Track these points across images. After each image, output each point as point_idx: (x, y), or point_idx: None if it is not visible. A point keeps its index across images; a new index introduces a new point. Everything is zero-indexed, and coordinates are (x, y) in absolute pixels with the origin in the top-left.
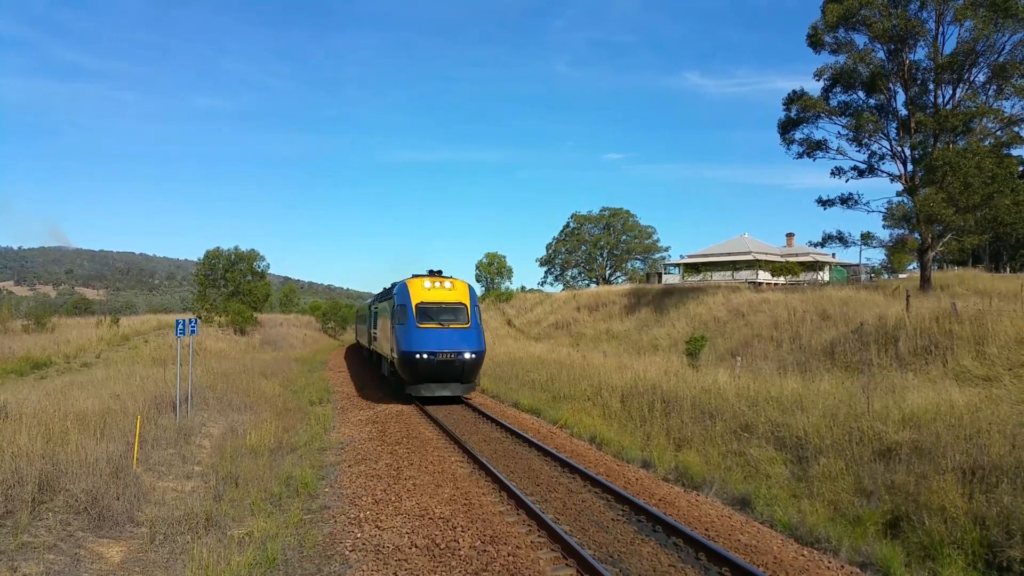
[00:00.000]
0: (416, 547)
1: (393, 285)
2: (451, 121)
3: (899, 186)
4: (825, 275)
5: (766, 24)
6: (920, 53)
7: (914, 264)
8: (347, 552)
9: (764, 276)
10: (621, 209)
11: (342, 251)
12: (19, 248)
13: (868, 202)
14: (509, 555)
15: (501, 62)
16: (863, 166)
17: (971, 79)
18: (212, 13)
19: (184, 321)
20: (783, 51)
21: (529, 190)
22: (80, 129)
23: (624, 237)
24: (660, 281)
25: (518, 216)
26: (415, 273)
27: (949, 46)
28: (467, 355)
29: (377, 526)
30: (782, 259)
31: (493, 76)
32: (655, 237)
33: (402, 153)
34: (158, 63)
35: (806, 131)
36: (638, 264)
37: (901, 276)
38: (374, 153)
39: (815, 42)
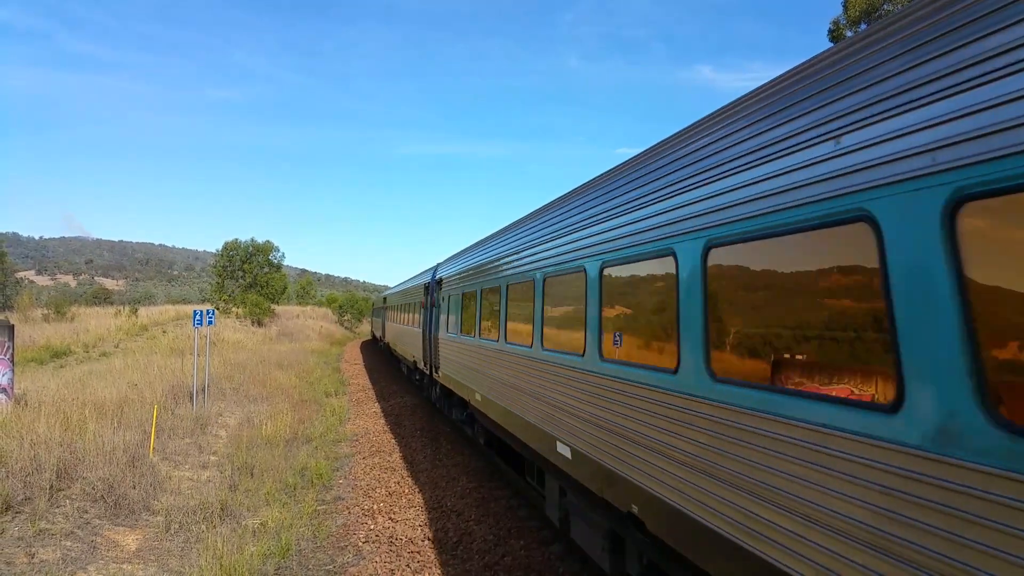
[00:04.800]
0: (429, 539)
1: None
2: (461, 115)
3: None
4: None
5: (781, 18)
6: None
7: None
8: (360, 543)
9: None
10: None
11: (358, 244)
12: (40, 238)
13: None
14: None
15: (511, 56)
16: None
17: None
18: (220, 5)
19: (202, 312)
20: (799, 45)
21: (540, 184)
22: (98, 120)
23: None
24: None
25: (529, 209)
26: None
27: None
28: None
29: (391, 518)
30: None
31: (503, 70)
32: None
33: (413, 147)
34: (170, 55)
35: None
36: None
37: None
38: (385, 146)
39: (836, 38)
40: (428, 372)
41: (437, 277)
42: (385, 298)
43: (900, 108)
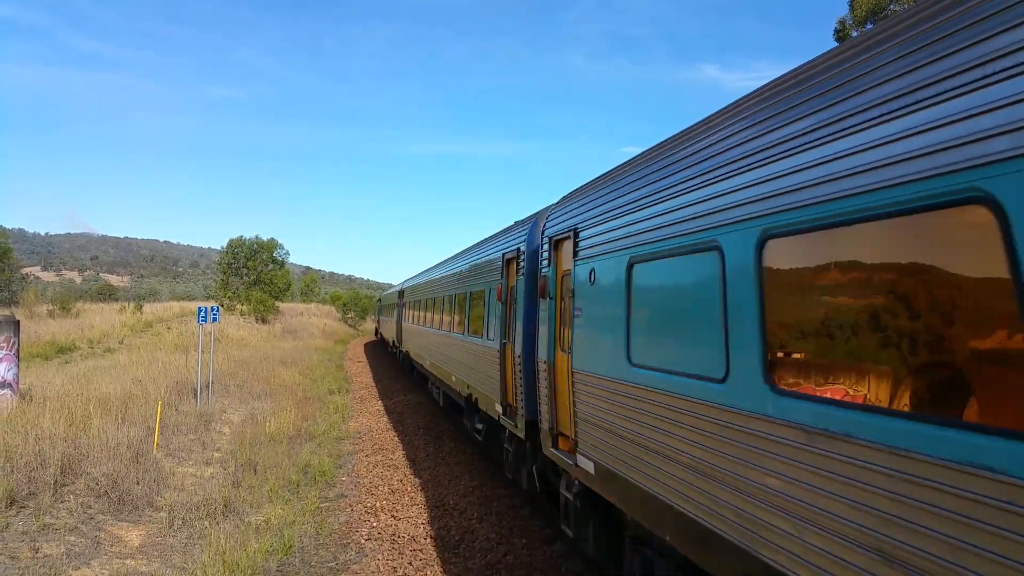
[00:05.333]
0: (431, 537)
1: None
2: (464, 114)
3: None
4: None
5: (784, 18)
6: None
7: None
8: (363, 541)
9: None
10: None
11: (362, 243)
12: (46, 234)
13: None
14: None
15: (514, 55)
16: None
17: None
18: (224, 3)
19: (206, 309)
20: (804, 44)
21: (542, 184)
22: (102, 118)
23: None
24: None
25: (531, 209)
26: None
27: None
28: None
29: (393, 516)
30: None
31: (507, 69)
32: None
33: (416, 146)
34: (173, 53)
35: None
36: None
37: None
38: (388, 145)
39: (843, 37)
40: (523, 437)
41: (556, 233)
42: (403, 291)
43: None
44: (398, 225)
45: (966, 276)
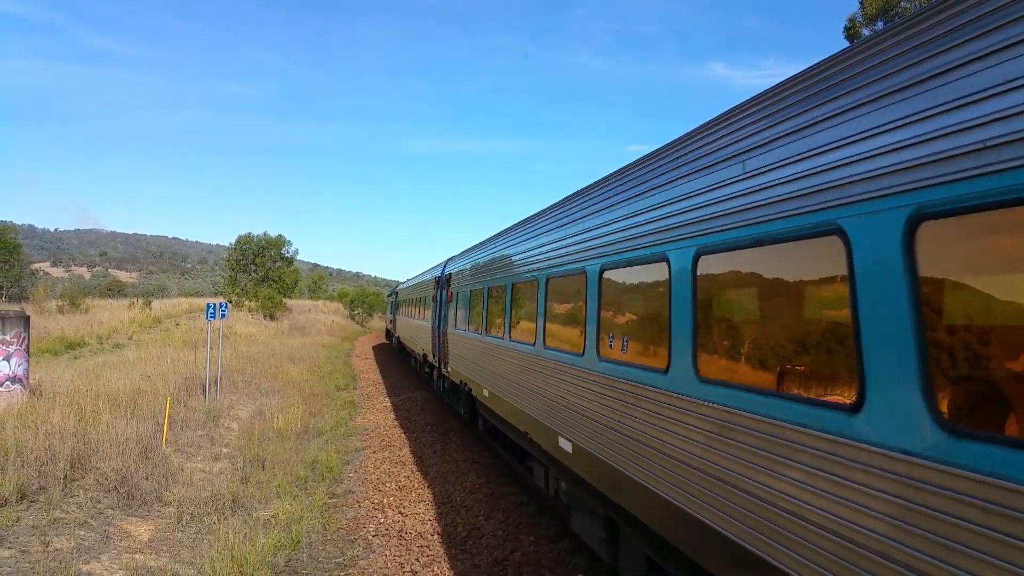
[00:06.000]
0: (438, 534)
1: None
2: (470, 112)
3: None
4: None
5: (792, 15)
6: None
7: None
8: (370, 537)
9: None
10: None
11: (369, 240)
12: (55, 230)
13: None
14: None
15: (521, 53)
16: None
17: None
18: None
19: (215, 305)
20: (812, 43)
21: (548, 182)
22: (111, 115)
23: None
24: None
25: (537, 207)
26: None
27: None
28: None
29: (400, 512)
30: None
31: (513, 67)
32: None
33: (423, 143)
34: (183, 50)
35: None
36: None
37: None
38: (396, 143)
39: (852, 35)
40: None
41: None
42: (448, 276)
43: None
44: (403, 223)
45: None
